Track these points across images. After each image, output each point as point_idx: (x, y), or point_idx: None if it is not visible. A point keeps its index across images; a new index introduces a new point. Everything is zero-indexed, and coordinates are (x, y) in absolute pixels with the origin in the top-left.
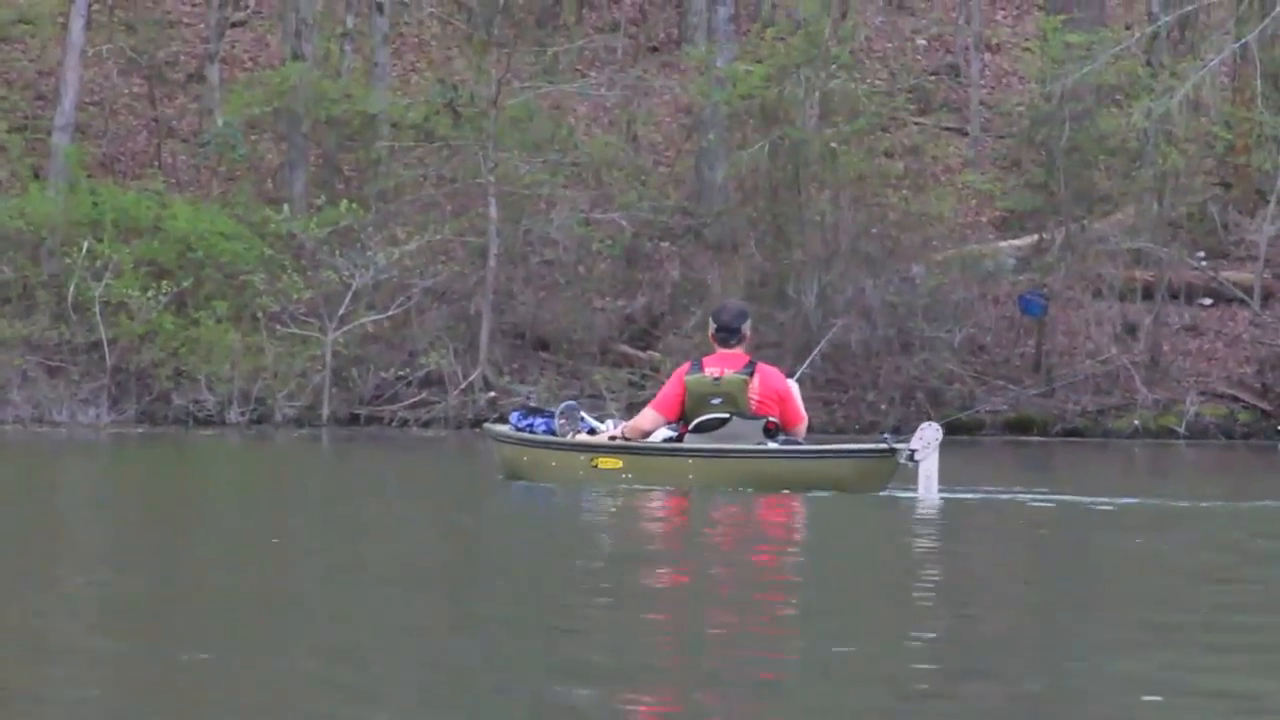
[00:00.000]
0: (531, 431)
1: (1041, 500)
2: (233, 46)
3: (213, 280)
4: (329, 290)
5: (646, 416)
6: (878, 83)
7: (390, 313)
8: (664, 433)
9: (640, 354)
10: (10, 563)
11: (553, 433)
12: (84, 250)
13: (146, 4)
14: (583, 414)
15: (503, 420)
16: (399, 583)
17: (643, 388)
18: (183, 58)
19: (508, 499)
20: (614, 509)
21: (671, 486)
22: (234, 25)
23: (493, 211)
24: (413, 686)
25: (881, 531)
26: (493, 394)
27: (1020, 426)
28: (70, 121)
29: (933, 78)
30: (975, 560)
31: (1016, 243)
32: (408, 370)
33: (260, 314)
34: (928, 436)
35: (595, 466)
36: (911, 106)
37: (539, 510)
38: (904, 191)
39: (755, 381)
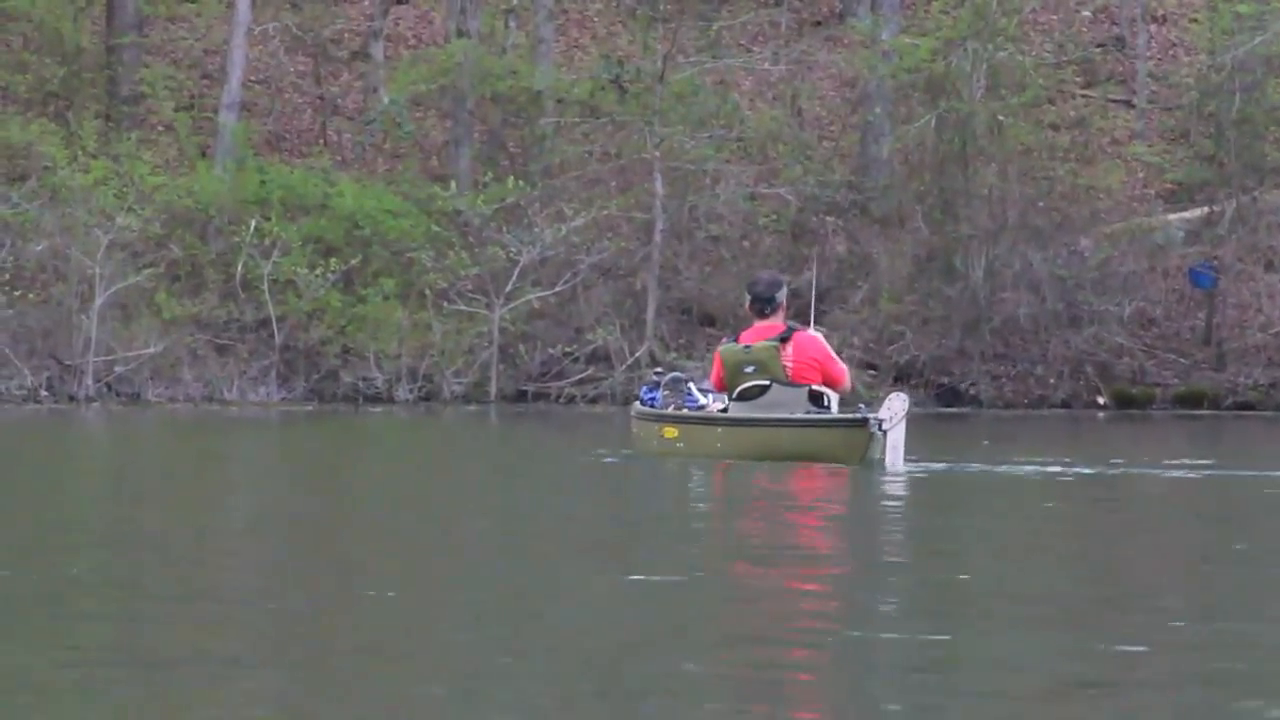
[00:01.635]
0: (653, 406)
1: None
2: (397, 24)
3: (380, 257)
4: (495, 267)
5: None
6: (1044, 55)
7: (557, 289)
8: (719, 404)
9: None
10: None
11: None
12: (252, 228)
13: None
14: (690, 386)
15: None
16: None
17: None
18: (347, 35)
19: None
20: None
21: (707, 454)
22: (398, 2)
23: (658, 187)
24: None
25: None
26: (659, 369)
27: (1191, 400)
28: (237, 100)
29: (1099, 49)
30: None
31: (1186, 215)
32: (574, 346)
33: (427, 291)
34: (895, 407)
35: (663, 436)
36: (1078, 79)
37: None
38: (1071, 164)
39: (789, 349)
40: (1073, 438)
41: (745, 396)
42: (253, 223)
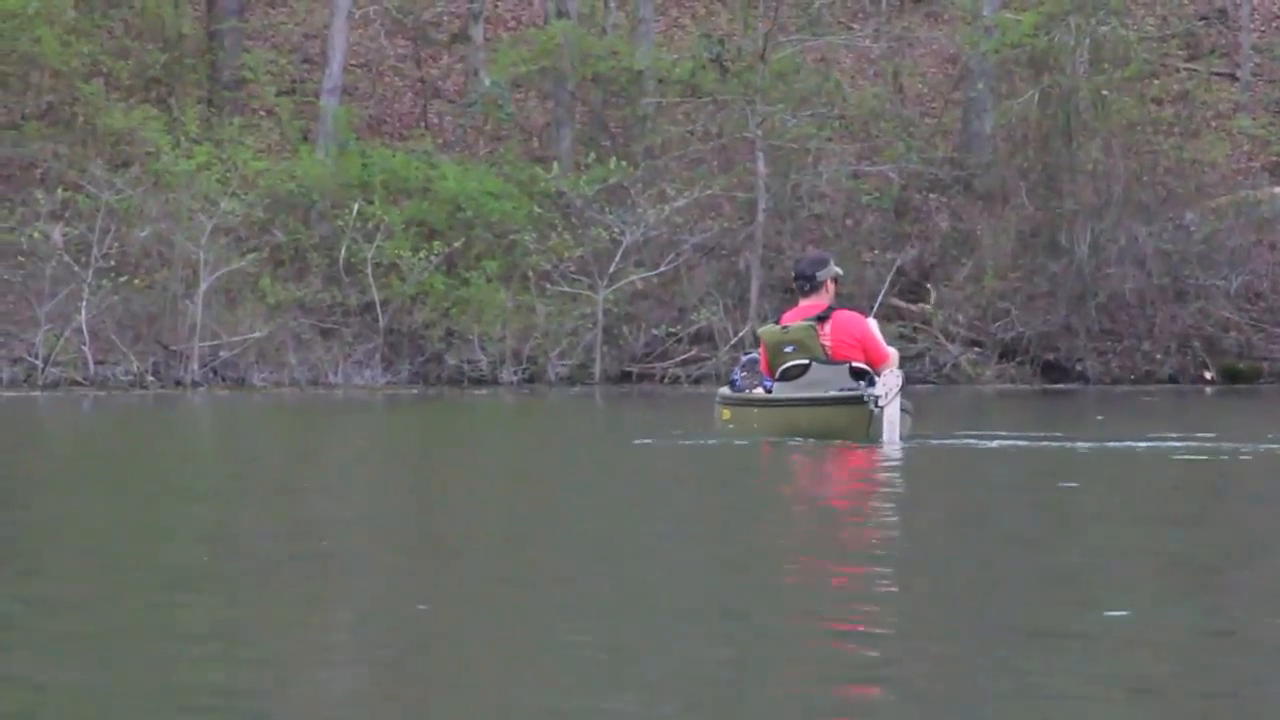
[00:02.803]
0: (736, 388)
1: None
2: (496, 6)
3: (482, 240)
4: (598, 248)
5: None
6: (1147, 29)
7: (660, 269)
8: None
9: (912, 307)
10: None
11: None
12: (354, 212)
13: None
14: None
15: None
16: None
17: (914, 340)
18: (447, 18)
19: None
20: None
21: (748, 434)
22: None
23: (761, 166)
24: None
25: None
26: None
27: None
28: (338, 84)
29: (1202, 22)
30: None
31: None
32: (678, 327)
33: (530, 273)
34: (890, 383)
35: (723, 419)
36: (1181, 52)
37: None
38: (1175, 138)
39: (828, 327)
40: (1180, 413)
41: (787, 376)
42: (355, 206)
